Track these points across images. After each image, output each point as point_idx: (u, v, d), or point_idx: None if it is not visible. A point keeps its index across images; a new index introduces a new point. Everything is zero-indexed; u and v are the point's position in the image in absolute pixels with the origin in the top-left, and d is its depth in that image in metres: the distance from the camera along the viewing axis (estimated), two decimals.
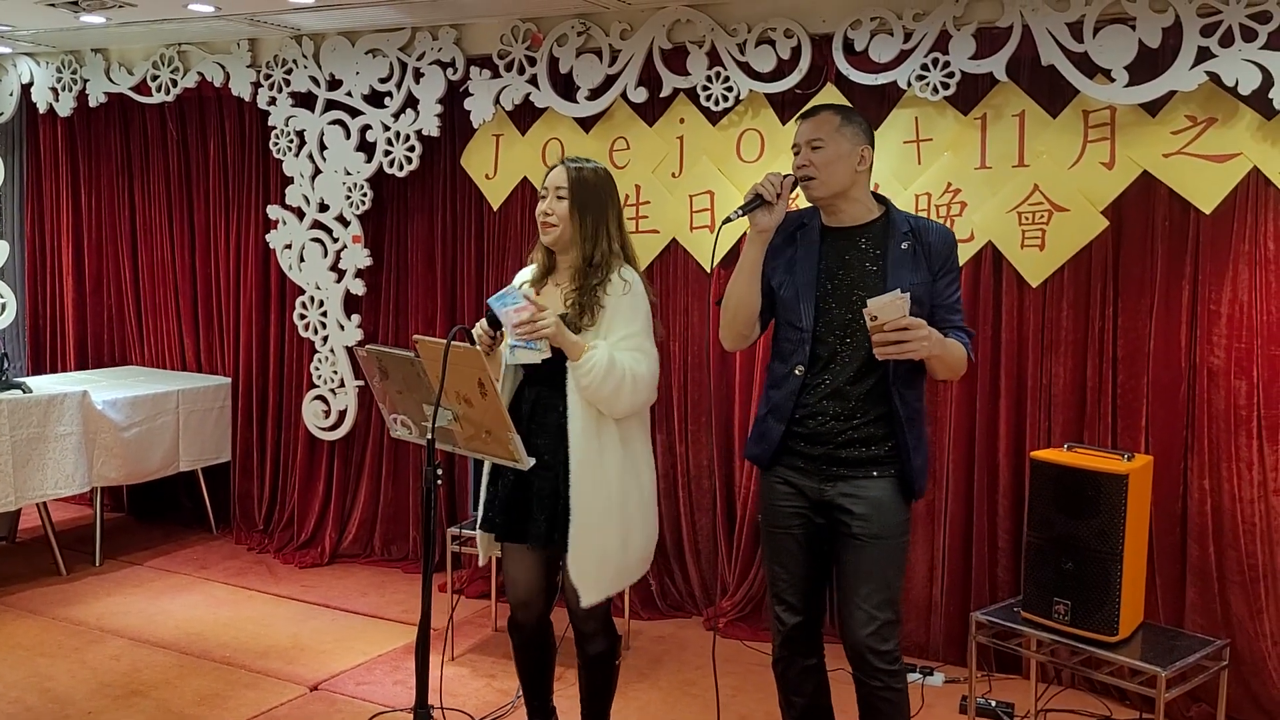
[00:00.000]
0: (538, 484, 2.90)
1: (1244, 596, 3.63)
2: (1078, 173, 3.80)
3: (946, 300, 2.77)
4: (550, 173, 2.99)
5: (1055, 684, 3.90)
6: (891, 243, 2.76)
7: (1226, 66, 3.47)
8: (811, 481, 2.79)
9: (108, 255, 6.01)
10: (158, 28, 5.01)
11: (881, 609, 2.73)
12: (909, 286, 2.67)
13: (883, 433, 2.75)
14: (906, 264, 2.74)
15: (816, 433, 2.77)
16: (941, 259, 2.76)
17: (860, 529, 2.73)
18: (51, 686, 3.82)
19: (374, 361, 2.82)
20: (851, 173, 2.78)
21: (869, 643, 2.73)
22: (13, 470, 4.61)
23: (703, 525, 4.59)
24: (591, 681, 3.12)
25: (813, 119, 2.81)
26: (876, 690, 2.76)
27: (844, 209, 2.81)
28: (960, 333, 2.77)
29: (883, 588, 2.74)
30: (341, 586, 4.91)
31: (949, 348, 2.70)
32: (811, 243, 2.83)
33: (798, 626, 2.88)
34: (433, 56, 4.77)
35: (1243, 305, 3.62)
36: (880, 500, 2.74)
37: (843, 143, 2.76)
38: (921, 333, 2.59)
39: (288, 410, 5.45)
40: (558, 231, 2.93)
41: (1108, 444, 3.78)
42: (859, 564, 2.75)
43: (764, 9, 4.15)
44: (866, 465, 2.75)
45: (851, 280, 2.77)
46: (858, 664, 2.77)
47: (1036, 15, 3.70)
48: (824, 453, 2.77)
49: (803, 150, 2.79)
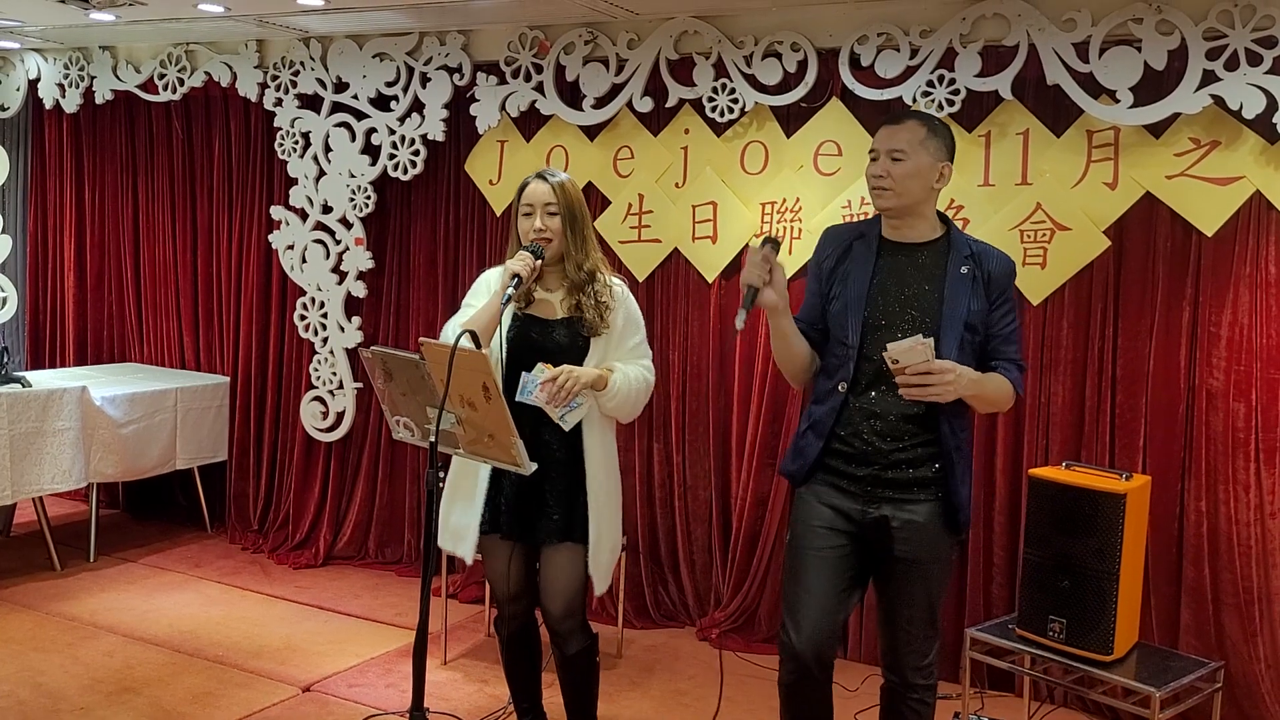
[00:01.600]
0: (552, 481, 2.98)
1: (1239, 619, 3.64)
2: (1080, 192, 3.82)
3: (1002, 330, 2.70)
4: (529, 188, 3.03)
5: (1048, 702, 3.90)
6: (951, 265, 2.68)
7: (1231, 90, 3.49)
8: (855, 504, 2.72)
9: (110, 252, 6.01)
10: (166, 26, 5.03)
11: (922, 627, 2.75)
12: (965, 313, 2.63)
13: (930, 455, 2.69)
14: (965, 289, 2.66)
15: (862, 452, 2.70)
16: (1000, 288, 2.69)
17: (903, 551, 2.70)
18: (44, 681, 3.81)
19: (378, 363, 2.82)
20: (928, 189, 2.70)
21: (909, 660, 2.76)
22: (10, 464, 4.61)
23: (698, 535, 4.59)
24: (573, 682, 3.15)
25: (896, 127, 2.71)
26: (911, 701, 2.79)
27: (910, 224, 2.73)
28: (1011, 365, 2.71)
29: (925, 609, 2.75)
30: (335, 588, 4.90)
31: (985, 386, 2.64)
32: (867, 256, 2.74)
33: (806, 649, 2.74)
34: (440, 61, 4.79)
35: (1243, 328, 3.63)
36: (924, 524, 2.69)
37: (924, 156, 2.67)
38: (947, 378, 2.54)
39: (285, 411, 5.45)
40: (553, 247, 3.00)
41: (1105, 463, 3.78)
42: (900, 586, 2.74)
43: (771, 22, 4.17)
44: (912, 488, 2.70)
45: (905, 299, 2.69)
46: (896, 675, 2.80)
47: (1043, 35, 3.72)
48: (869, 474, 2.70)
49: (881, 158, 2.69)
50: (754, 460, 4.39)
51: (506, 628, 3.17)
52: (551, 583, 3.03)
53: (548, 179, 3.02)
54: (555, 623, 3.05)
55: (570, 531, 2.99)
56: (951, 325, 2.65)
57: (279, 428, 5.48)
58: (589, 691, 3.17)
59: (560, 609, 3.03)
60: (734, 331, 2.66)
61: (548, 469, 2.95)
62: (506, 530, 3.02)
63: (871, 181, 2.72)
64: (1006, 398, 2.73)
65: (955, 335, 2.64)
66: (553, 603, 3.03)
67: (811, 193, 4.23)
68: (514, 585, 3.10)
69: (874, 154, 2.73)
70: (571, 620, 3.05)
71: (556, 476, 2.98)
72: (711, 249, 4.45)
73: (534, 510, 2.99)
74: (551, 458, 2.97)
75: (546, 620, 3.08)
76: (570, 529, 2.99)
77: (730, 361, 4.48)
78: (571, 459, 2.99)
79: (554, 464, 2.97)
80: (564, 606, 3.03)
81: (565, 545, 3.00)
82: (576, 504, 2.99)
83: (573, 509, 2.99)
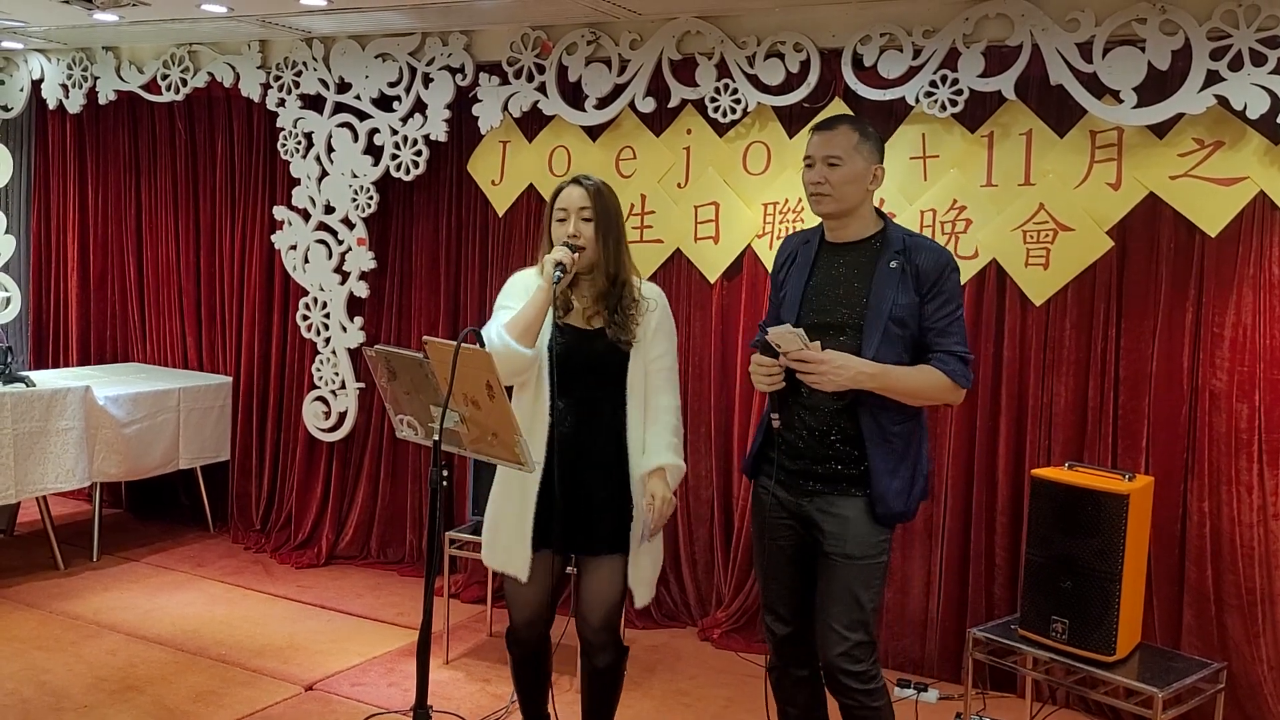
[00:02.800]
0: (600, 491, 2.91)
1: (1241, 620, 3.63)
2: (1083, 193, 3.82)
3: (936, 323, 2.73)
4: (564, 193, 2.94)
5: (1050, 703, 3.90)
6: (881, 261, 2.74)
7: (1235, 90, 3.48)
8: (791, 496, 2.82)
9: (113, 252, 6.02)
10: (169, 27, 5.03)
11: (852, 629, 2.72)
12: (893, 307, 2.69)
13: (856, 453, 2.74)
14: (892, 282, 2.71)
15: (795, 447, 2.80)
16: (929, 281, 2.72)
17: (831, 547, 2.75)
18: (47, 680, 3.82)
19: (382, 362, 2.82)
20: (864, 191, 2.78)
21: (839, 663, 2.73)
22: (14, 463, 4.62)
23: (700, 536, 4.59)
24: (598, 692, 3.09)
25: (830, 133, 2.77)
26: (852, 709, 2.76)
27: (848, 225, 2.81)
28: (948, 357, 2.72)
29: (853, 608, 2.73)
30: (337, 587, 4.90)
31: (892, 376, 2.67)
32: (807, 258, 2.85)
33: (788, 637, 2.90)
34: (442, 62, 4.79)
35: (1246, 329, 3.63)
36: (851, 519, 2.73)
37: (859, 161, 2.74)
38: (820, 367, 2.63)
39: (288, 411, 5.45)
40: (586, 255, 2.90)
41: (1108, 464, 3.78)
42: (830, 583, 2.76)
43: (774, 22, 4.17)
44: (840, 483, 2.76)
45: (837, 296, 2.77)
46: (832, 683, 2.79)
47: (1046, 35, 3.72)
48: (801, 468, 2.79)
49: (818, 165, 2.76)
50: None
51: (520, 649, 3.07)
52: (593, 594, 2.95)
53: (583, 184, 2.92)
54: (591, 634, 2.98)
55: (617, 542, 2.92)
56: (875, 318, 2.71)
57: (281, 428, 5.48)
58: (611, 703, 3.12)
59: (599, 620, 2.95)
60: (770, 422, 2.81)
61: (591, 482, 2.90)
62: (556, 544, 2.91)
63: (810, 188, 2.79)
64: (938, 389, 2.74)
65: (878, 328, 2.71)
66: (592, 614, 2.95)
67: None
68: (535, 609, 2.99)
69: (809, 160, 2.80)
70: (607, 633, 2.98)
71: (600, 489, 2.91)
72: (714, 249, 4.46)
73: (583, 520, 2.91)
74: (595, 470, 2.90)
75: (581, 630, 3.00)
76: (617, 540, 2.92)
77: (732, 362, 4.48)
78: (616, 471, 2.92)
79: (598, 476, 2.90)
80: (602, 618, 2.95)
81: (610, 557, 2.93)
82: (624, 514, 2.92)
83: (620, 519, 2.92)
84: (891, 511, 2.74)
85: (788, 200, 4.28)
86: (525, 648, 3.06)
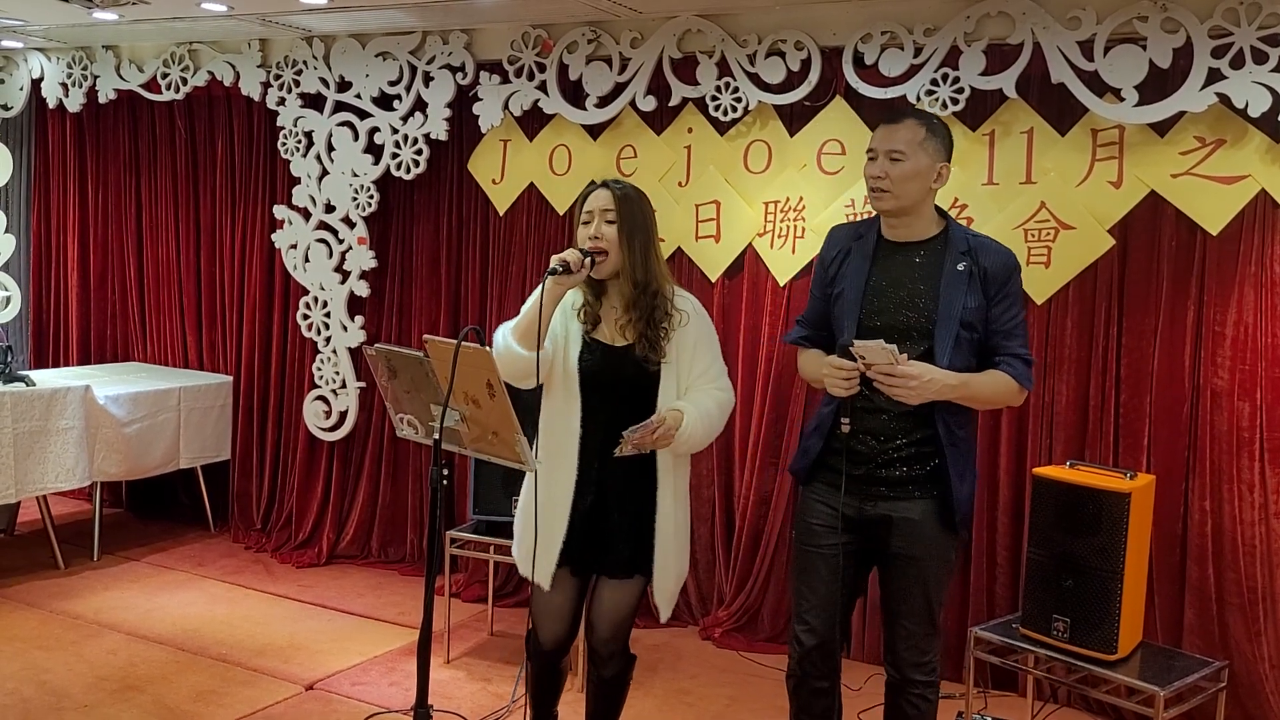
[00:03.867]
0: (620, 513, 2.84)
1: (1243, 619, 3.63)
2: (1085, 191, 3.81)
3: (1004, 325, 2.69)
4: (591, 195, 2.84)
5: (1051, 702, 3.90)
6: (948, 262, 2.67)
7: (1237, 88, 3.48)
8: (852, 500, 2.74)
9: (113, 251, 6.01)
10: (169, 26, 5.03)
11: (920, 623, 2.75)
12: (963, 310, 2.62)
13: (925, 454, 2.69)
14: (961, 285, 2.65)
15: (857, 452, 2.72)
16: (998, 284, 2.67)
17: (899, 548, 2.72)
18: (48, 679, 3.82)
19: (382, 361, 2.82)
20: (927, 189, 2.69)
21: (907, 656, 2.77)
22: (14, 463, 4.61)
23: (701, 535, 4.59)
24: (603, 700, 3.07)
25: (895, 126, 2.69)
26: (912, 697, 2.79)
27: (907, 224, 2.73)
28: (1015, 360, 2.69)
29: (923, 605, 2.74)
30: (338, 587, 4.90)
31: (971, 387, 2.64)
32: (864, 256, 2.75)
33: (815, 648, 2.82)
34: (443, 60, 4.78)
35: (1247, 327, 3.63)
36: (919, 521, 2.70)
37: (923, 157, 2.66)
38: (910, 383, 2.56)
39: (288, 410, 5.45)
40: (609, 261, 2.79)
41: (1109, 462, 3.78)
42: (899, 582, 2.75)
43: (775, 21, 4.16)
44: (907, 485, 2.71)
45: (901, 299, 2.70)
46: (896, 671, 2.81)
47: (1047, 33, 3.71)
48: (865, 472, 2.72)
49: (880, 159, 2.67)
50: (757, 460, 4.39)
51: (542, 661, 3.02)
52: (604, 612, 2.92)
53: (610, 186, 2.82)
54: (599, 645, 2.96)
55: (634, 565, 2.87)
56: (947, 323, 2.65)
57: (282, 427, 5.48)
58: (617, 709, 3.11)
59: (607, 633, 2.93)
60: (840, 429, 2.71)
61: (616, 502, 2.84)
62: (576, 564, 2.87)
63: (870, 182, 2.71)
64: (1008, 394, 2.72)
65: (950, 333, 2.65)
66: (602, 625, 2.92)
67: (815, 192, 4.23)
68: (563, 626, 2.94)
69: (872, 154, 2.71)
70: (615, 644, 2.96)
71: (626, 507, 2.84)
72: (714, 248, 4.45)
73: (601, 542, 2.85)
74: (620, 491, 2.83)
75: (590, 641, 2.98)
76: (635, 563, 2.86)
77: (734, 361, 4.47)
78: (644, 489, 2.84)
79: (625, 494, 2.84)
80: (611, 632, 2.93)
81: (630, 579, 2.89)
82: (644, 536, 2.85)
83: (639, 541, 2.85)
84: (965, 517, 2.73)
85: (789, 199, 4.28)
86: (545, 660, 3.01)
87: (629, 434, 2.71)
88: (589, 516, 2.84)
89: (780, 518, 4.34)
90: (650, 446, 2.75)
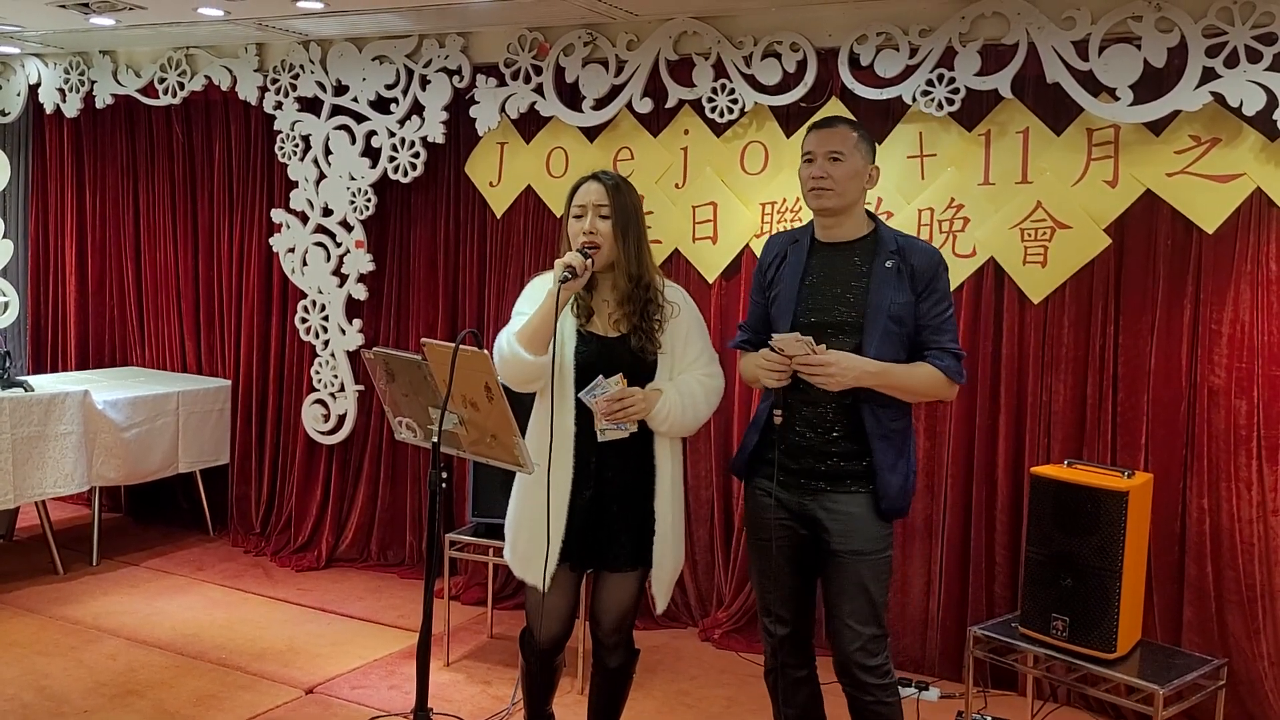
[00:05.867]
0: (623, 507, 2.88)
1: (1241, 616, 3.64)
2: (1081, 190, 3.82)
3: (931, 320, 2.78)
4: (582, 188, 2.87)
5: (1051, 701, 3.90)
6: (878, 260, 2.78)
7: (1231, 87, 3.49)
8: (793, 495, 2.82)
9: (111, 256, 6.01)
10: (166, 30, 5.03)
11: (866, 624, 2.75)
12: (891, 305, 2.72)
13: (857, 449, 2.77)
14: (890, 282, 2.75)
15: (796, 445, 2.80)
16: (925, 280, 2.77)
17: (838, 544, 2.77)
18: (48, 685, 3.82)
19: (380, 364, 2.82)
20: (862, 189, 2.82)
21: (856, 658, 2.76)
22: (12, 468, 4.61)
23: (700, 536, 4.59)
24: (608, 692, 3.10)
25: (830, 130, 2.82)
26: (868, 704, 2.78)
27: (841, 224, 2.83)
28: (943, 354, 2.77)
29: (865, 603, 2.76)
30: (338, 590, 4.90)
31: (893, 375, 2.72)
32: (799, 257, 2.86)
33: (786, 638, 2.90)
34: (439, 64, 4.79)
35: (1244, 325, 3.63)
36: (856, 515, 2.76)
37: (858, 158, 2.79)
38: (828, 369, 2.66)
39: (287, 414, 5.45)
40: (603, 253, 2.82)
41: (1107, 461, 3.78)
42: (840, 580, 2.78)
43: (770, 22, 4.17)
44: (843, 479, 2.78)
45: (835, 295, 2.80)
46: (847, 679, 2.80)
47: (1042, 33, 3.72)
48: (803, 466, 2.80)
49: (819, 160, 2.78)
50: None
51: (538, 661, 3.05)
52: (610, 605, 2.96)
53: (602, 179, 2.85)
54: (604, 636, 2.99)
55: (636, 558, 2.91)
56: (875, 318, 2.75)
57: (281, 431, 5.48)
58: (619, 703, 3.14)
59: (613, 625, 2.98)
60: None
61: (614, 496, 2.87)
62: (575, 560, 2.90)
63: (810, 183, 2.80)
64: (934, 386, 2.79)
65: (879, 327, 2.74)
66: (607, 617, 2.97)
67: None
68: (559, 623, 2.97)
69: (809, 156, 2.82)
70: (620, 635, 3.01)
71: (623, 504, 2.88)
72: (712, 249, 4.46)
73: (603, 536, 2.88)
74: (619, 484, 2.87)
75: (595, 632, 3.02)
76: (636, 555, 2.91)
77: (731, 362, 4.47)
78: (642, 484, 2.89)
79: (624, 489, 2.87)
80: (617, 624, 2.98)
81: (630, 572, 2.93)
82: (645, 529, 2.89)
83: (640, 534, 2.89)
84: (895, 507, 2.78)
85: (785, 200, 4.28)
86: (542, 659, 3.04)
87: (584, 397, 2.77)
88: (588, 511, 2.86)
89: None
90: (622, 419, 2.79)
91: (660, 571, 2.93)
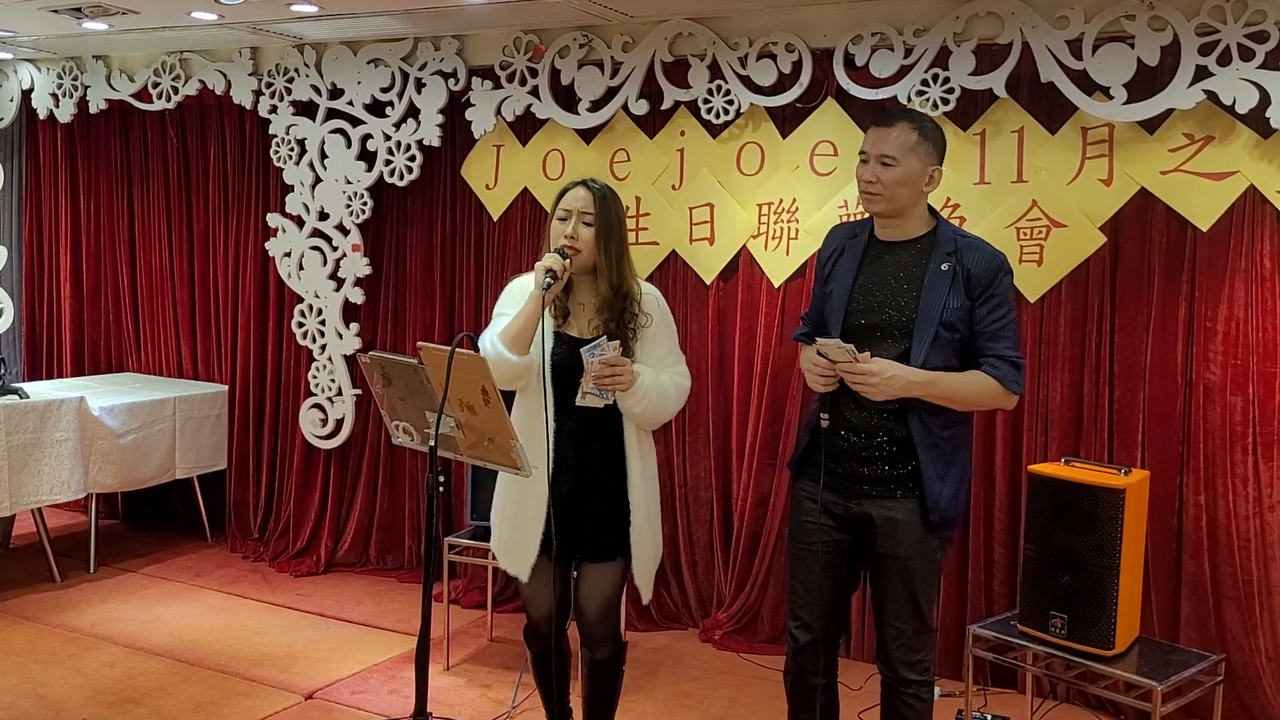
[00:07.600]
0: (600, 499, 2.95)
1: (1239, 612, 3.65)
2: (1076, 189, 3.83)
3: (988, 327, 2.68)
4: (569, 193, 2.92)
5: (1051, 698, 3.91)
6: (932, 261, 2.69)
7: (1224, 85, 3.50)
8: (839, 498, 2.78)
9: (106, 261, 6.00)
10: (159, 35, 5.02)
11: (907, 621, 2.75)
12: (944, 310, 2.63)
13: (903, 456, 2.71)
14: (943, 285, 2.66)
15: (841, 449, 2.75)
16: (982, 284, 2.67)
17: (883, 547, 2.74)
18: (45, 693, 3.81)
19: (377, 368, 2.82)
20: (918, 193, 2.71)
21: (897, 654, 2.76)
22: (8, 476, 4.60)
23: (699, 537, 4.59)
24: (598, 685, 3.13)
25: (886, 130, 2.70)
26: (903, 695, 2.79)
27: (898, 224, 2.75)
28: (999, 362, 2.68)
29: (907, 603, 2.74)
30: (337, 595, 4.90)
31: (942, 385, 2.64)
32: (856, 255, 2.79)
33: (809, 644, 2.86)
34: (435, 67, 4.79)
35: (1239, 322, 3.64)
36: (901, 521, 2.72)
37: (914, 161, 2.67)
38: (870, 380, 2.59)
39: (284, 418, 5.44)
40: (581, 258, 2.89)
41: (1104, 459, 3.79)
42: (883, 580, 2.77)
43: (765, 23, 4.17)
44: (888, 484, 2.73)
45: (885, 297, 2.72)
46: (887, 668, 2.81)
47: (1036, 32, 3.73)
48: (848, 470, 2.76)
49: (872, 163, 2.69)
50: (754, 461, 4.40)
51: (540, 646, 3.11)
52: (592, 594, 3.01)
53: (590, 186, 2.91)
54: (589, 627, 3.04)
55: (614, 549, 2.97)
56: (925, 322, 2.67)
57: (278, 435, 5.47)
58: (611, 696, 3.16)
59: (597, 615, 3.02)
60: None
61: (591, 488, 2.94)
62: (555, 552, 2.94)
63: (861, 185, 2.74)
64: (989, 395, 2.70)
65: (929, 332, 2.66)
66: (591, 610, 3.01)
67: (808, 193, 4.24)
68: (551, 605, 3.03)
69: (864, 156, 2.74)
70: (605, 626, 3.04)
71: (600, 495, 2.95)
72: (709, 250, 4.46)
73: (578, 529, 2.95)
74: (594, 477, 2.94)
75: (580, 625, 3.06)
76: (614, 546, 2.97)
77: (730, 363, 4.49)
78: (614, 477, 2.95)
79: (597, 483, 2.95)
80: (599, 613, 3.02)
81: (610, 562, 2.99)
82: (620, 521, 2.95)
83: (616, 526, 2.95)
84: (945, 518, 2.72)
85: (782, 200, 4.29)
86: (543, 644, 3.09)
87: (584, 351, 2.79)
88: (566, 504, 2.93)
89: (779, 519, 4.34)
90: (609, 384, 2.82)
91: (640, 559, 2.99)
